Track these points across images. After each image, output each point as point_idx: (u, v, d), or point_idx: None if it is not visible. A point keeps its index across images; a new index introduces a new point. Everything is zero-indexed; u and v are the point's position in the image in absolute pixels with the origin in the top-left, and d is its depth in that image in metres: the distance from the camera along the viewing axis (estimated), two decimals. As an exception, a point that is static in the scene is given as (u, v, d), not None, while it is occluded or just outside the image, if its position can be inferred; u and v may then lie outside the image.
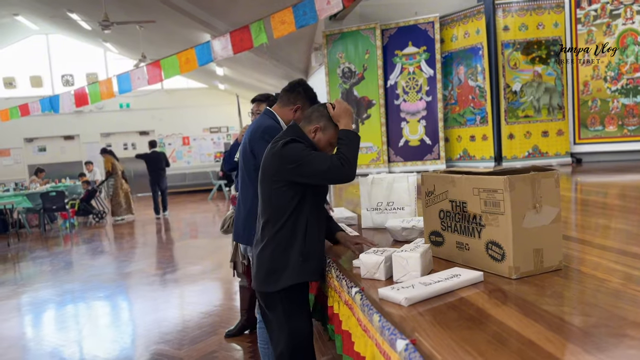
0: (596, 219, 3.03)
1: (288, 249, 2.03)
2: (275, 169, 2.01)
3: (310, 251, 2.05)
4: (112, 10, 8.26)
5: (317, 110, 2.14)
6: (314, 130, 2.10)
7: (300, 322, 2.09)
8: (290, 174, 1.98)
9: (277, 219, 2.05)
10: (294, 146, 1.99)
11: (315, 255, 2.09)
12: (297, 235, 2.03)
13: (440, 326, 1.34)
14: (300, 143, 2.01)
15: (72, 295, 5.55)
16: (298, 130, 2.12)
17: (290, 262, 2.02)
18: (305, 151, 1.97)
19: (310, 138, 2.10)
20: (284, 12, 6.16)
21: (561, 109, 6.60)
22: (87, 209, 11.35)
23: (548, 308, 1.41)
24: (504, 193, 1.64)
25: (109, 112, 17.04)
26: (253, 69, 12.59)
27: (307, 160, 1.95)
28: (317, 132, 2.10)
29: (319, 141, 2.10)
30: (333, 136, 2.11)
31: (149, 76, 7.48)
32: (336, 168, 1.93)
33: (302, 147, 1.99)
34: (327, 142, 2.11)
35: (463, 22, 6.82)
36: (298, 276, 2.03)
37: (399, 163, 7.29)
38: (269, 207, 2.08)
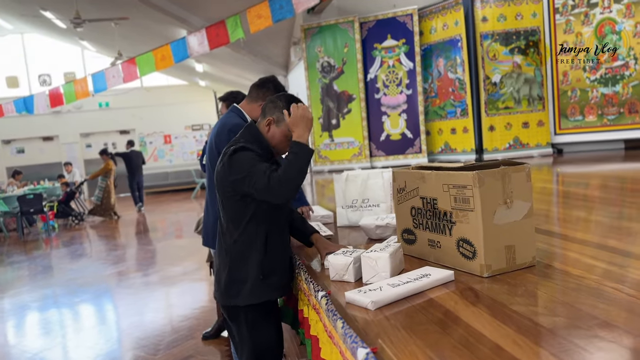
0: (577, 212, 2.99)
1: (246, 263, 1.90)
2: (224, 179, 1.87)
3: (271, 267, 1.92)
4: (84, 7, 8.08)
5: (271, 102, 1.97)
6: (267, 123, 1.93)
7: (264, 336, 2.00)
8: (235, 185, 1.83)
9: (233, 230, 1.92)
10: (241, 156, 1.82)
11: (276, 271, 1.95)
12: (256, 249, 1.89)
13: (406, 331, 1.27)
14: (250, 151, 1.84)
15: (50, 301, 5.43)
16: (253, 130, 1.95)
17: (249, 277, 1.89)
18: (250, 163, 1.80)
19: (265, 134, 1.93)
20: (260, 6, 6.07)
21: (541, 100, 6.59)
22: (65, 211, 11.16)
23: (518, 308, 1.36)
24: (473, 189, 1.58)
25: (88, 111, 16.78)
26: (232, 64, 12.46)
27: (249, 174, 1.78)
28: (270, 126, 1.93)
29: (273, 136, 1.93)
30: (288, 128, 1.92)
31: (125, 74, 7.34)
32: (270, 188, 1.74)
33: (250, 158, 1.81)
34: (283, 136, 1.93)
35: (441, 13, 6.77)
36: (257, 295, 1.91)
37: (381, 157, 7.24)
38: (225, 216, 1.95)
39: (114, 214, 11.42)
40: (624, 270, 1.65)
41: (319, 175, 7.14)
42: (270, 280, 1.91)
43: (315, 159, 7.46)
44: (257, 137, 1.92)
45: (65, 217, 11.30)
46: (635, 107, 6.20)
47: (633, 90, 6.18)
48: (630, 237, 2.18)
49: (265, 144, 1.93)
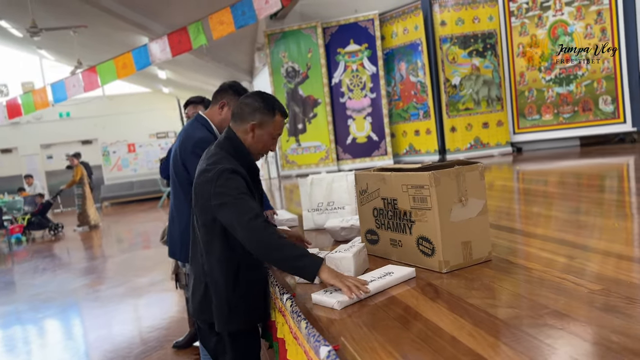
0: (537, 208, 3.10)
1: (217, 289, 1.80)
2: (205, 200, 1.74)
3: (242, 297, 1.81)
4: (41, 16, 7.89)
5: (247, 105, 1.84)
6: (251, 129, 1.81)
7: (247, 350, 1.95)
8: (216, 210, 1.71)
9: (206, 251, 1.82)
10: (229, 181, 1.70)
11: (249, 301, 1.83)
12: (228, 276, 1.78)
13: (367, 328, 1.32)
14: (239, 176, 1.73)
15: (13, 317, 5.26)
16: (235, 143, 1.83)
17: (219, 306, 1.80)
18: (242, 190, 1.70)
19: (248, 140, 1.83)
20: (222, 12, 6.06)
21: (500, 100, 6.79)
22: (42, 223, 10.89)
23: (474, 302, 1.42)
24: (430, 188, 1.64)
25: (48, 122, 16.35)
26: (196, 71, 12.37)
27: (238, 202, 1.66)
28: (254, 131, 1.82)
29: (259, 139, 1.83)
30: (274, 128, 1.84)
31: (85, 83, 7.21)
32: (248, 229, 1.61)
33: (237, 187, 1.70)
34: (270, 136, 1.85)
35: (402, 18, 6.90)
36: (227, 324, 1.81)
37: (348, 160, 7.31)
38: (198, 235, 1.85)
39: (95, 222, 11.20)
40: (580, 262, 1.73)
41: (286, 180, 7.16)
42: (240, 311, 1.82)
43: (283, 164, 7.47)
44: (238, 150, 1.82)
45: (42, 228, 11.01)
46: (588, 105, 6.45)
47: (586, 89, 6.43)
48: (586, 231, 2.28)
49: (247, 155, 1.84)
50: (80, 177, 10.89)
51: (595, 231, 2.28)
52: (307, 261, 1.58)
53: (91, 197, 11.22)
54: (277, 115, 1.84)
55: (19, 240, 10.42)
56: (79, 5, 7.24)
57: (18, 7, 8.39)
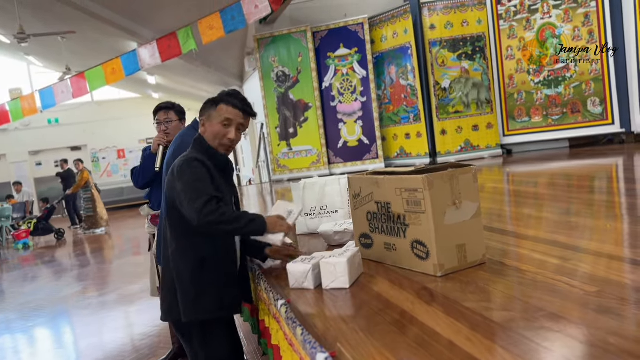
0: (528, 210, 3.11)
1: (182, 277, 1.90)
2: (171, 189, 1.90)
3: (209, 283, 1.90)
4: (28, 21, 7.83)
5: (202, 107, 2.05)
6: (202, 124, 2.01)
7: (217, 351, 1.99)
8: (177, 196, 1.85)
9: (172, 240, 1.95)
10: (190, 167, 1.85)
11: (216, 287, 1.92)
12: (192, 264, 1.89)
13: (364, 333, 1.31)
14: (201, 164, 1.87)
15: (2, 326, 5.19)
16: (200, 141, 2.00)
17: (184, 294, 1.89)
18: (197, 176, 1.83)
19: (206, 135, 1.99)
20: (212, 17, 6.05)
21: (489, 103, 6.83)
22: (47, 228, 10.85)
23: (470, 305, 1.41)
24: (423, 192, 1.64)
25: (37, 128, 16.22)
26: (186, 76, 12.32)
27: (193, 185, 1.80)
28: (205, 125, 2.00)
29: (211, 132, 1.98)
30: (220, 115, 1.97)
31: (74, 89, 7.14)
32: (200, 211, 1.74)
33: (199, 172, 1.84)
34: (219, 125, 1.97)
35: (391, 22, 6.93)
36: (190, 313, 1.88)
37: (339, 164, 7.31)
38: (166, 224, 1.99)
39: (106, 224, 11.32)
40: (572, 264, 1.73)
41: (278, 184, 7.15)
42: (205, 301, 1.89)
43: (274, 169, 7.46)
44: (204, 148, 1.98)
45: (47, 234, 10.96)
46: (577, 107, 6.51)
47: (574, 91, 6.49)
48: (577, 232, 2.29)
49: (212, 150, 1.98)
50: (86, 182, 10.96)
51: (587, 232, 2.29)
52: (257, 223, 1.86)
53: (100, 200, 11.28)
54: (220, 105, 1.99)
55: (26, 246, 10.36)
56: (68, 11, 7.19)
57: (5, 13, 8.32)
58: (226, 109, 1.98)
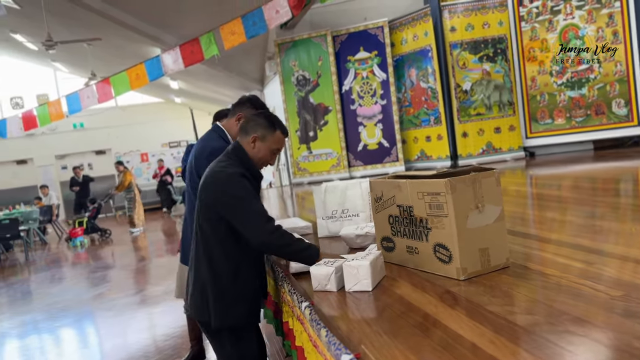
0: (551, 213, 3.09)
1: (217, 283, 1.96)
2: (215, 198, 1.94)
3: (242, 291, 1.98)
4: (55, 29, 8.03)
5: (251, 120, 2.07)
6: (252, 140, 2.03)
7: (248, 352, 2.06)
8: (225, 208, 1.91)
9: (206, 250, 1.98)
10: (240, 183, 1.91)
11: (248, 295, 2.02)
12: (227, 272, 1.96)
13: (387, 336, 1.32)
14: (246, 180, 1.94)
15: (31, 327, 5.33)
16: (240, 152, 2.03)
17: (217, 300, 1.95)
18: (245, 192, 1.91)
19: (251, 150, 2.03)
20: (234, 22, 6.12)
21: (511, 105, 6.77)
22: (95, 227, 11.15)
23: (494, 309, 1.42)
24: (446, 195, 1.65)
25: (62, 133, 16.56)
26: (208, 81, 12.47)
27: (246, 204, 1.88)
28: (255, 142, 2.03)
29: (258, 151, 2.04)
30: (274, 143, 2.06)
31: (99, 94, 7.30)
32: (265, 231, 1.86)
33: (249, 189, 1.92)
34: (269, 150, 2.05)
35: (411, 25, 6.92)
36: (222, 318, 1.97)
37: (359, 167, 7.32)
38: (200, 233, 2.01)
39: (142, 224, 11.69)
40: (597, 268, 1.72)
41: (298, 187, 7.18)
42: (238, 308, 1.98)
43: (294, 172, 7.50)
44: (243, 159, 2.01)
45: (94, 232, 11.26)
46: (601, 108, 6.41)
47: (598, 92, 6.39)
48: (602, 236, 2.27)
49: (251, 163, 2.03)
50: (129, 182, 11.32)
51: (612, 236, 2.27)
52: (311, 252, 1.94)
53: (140, 200, 11.59)
54: (277, 131, 2.06)
55: (82, 243, 10.65)
56: (94, 18, 7.36)
57: (33, 21, 8.55)
58: (279, 138, 2.07)
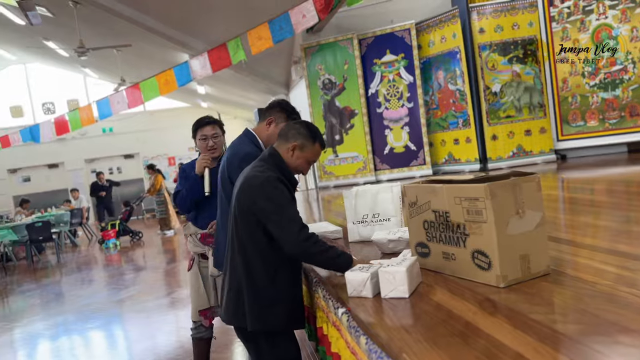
0: (585, 218, 3.01)
1: (254, 286, 1.97)
2: (251, 202, 1.96)
3: (280, 295, 1.98)
4: (87, 36, 8.21)
5: (293, 128, 2.10)
6: (292, 148, 2.06)
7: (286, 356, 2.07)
8: (262, 213, 1.92)
9: (242, 255, 1.99)
10: (277, 188, 1.94)
11: (286, 300, 2.01)
12: (265, 276, 1.96)
13: (428, 344, 1.30)
14: (283, 185, 1.96)
15: (62, 328, 5.44)
16: (277, 159, 2.05)
17: (254, 304, 1.96)
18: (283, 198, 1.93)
19: (288, 157, 2.06)
20: (260, 27, 6.15)
21: (542, 107, 6.64)
22: (126, 230, 11.41)
23: (537, 317, 1.38)
24: (485, 201, 1.62)
25: (92, 137, 16.93)
26: (234, 85, 12.58)
27: (282, 210, 1.91)
28: (295, 150, 2.06)
29: (296, 159, 2.07)
30: (312, 154, 2.09)
31: (129, 100, 7.42)
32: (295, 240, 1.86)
33: (286, 195, 1.95)
34: (305, 160, 2.09)
35: (439, 27, 6.86)
36: (258, 323, 1.96)
37: (386, 170, 7.27)
38: (236, 238, 2.02)
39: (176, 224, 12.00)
40: (636, 274, 1.67)
41: (324, 191, 7.18)
42: (276, 311, 1.97)
43: (320, 175, 7.50)
44: (280, 166, 2.04)
45: (126, 234, 11.52)
46: (636, 110, 6.24)
47: (633, 93, 6.22)
48: (639, 241, 2.20)
49: (288, 170, 2.05)
50: (160, 185, 11.61)
51: (655, 242, 2.20)
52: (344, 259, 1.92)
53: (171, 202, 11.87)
54: (316, 143, 2.09)
55: (115, 245, 10.91)
56: (124, 25, 7.50)
57: (64, 28, 8.76)
58: (317, 151, 2.11)
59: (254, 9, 6.84)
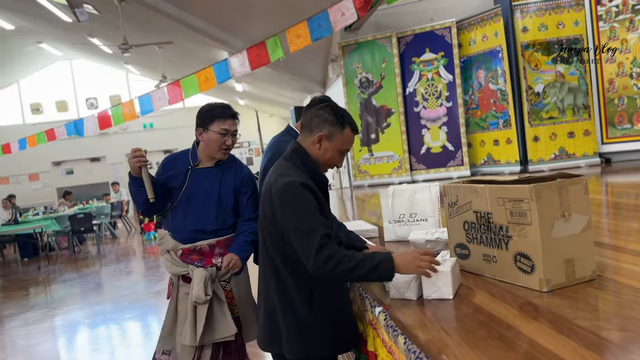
0: (629, 223, 2.91)
1: (288, 310, 1.70)
2: (272, 214, 1.69)
3: (319, 318, 1.69)
4: (130, 33, 8.42)
5: (317, 116, 1.77)
6: (318, 140, 1.75)
7: None
8: (281, 225, 1.66)
9: (272, 271, 1.74)
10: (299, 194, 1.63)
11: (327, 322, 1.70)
12: (301, 296, 1.69)
13: (469, 346, 1.28)
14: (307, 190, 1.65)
15: (101, 317, 5.61)
16: (302, 155, 1.77)
17: (291, 329, 1.69)
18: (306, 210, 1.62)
19: (316, 151, 1.77)
20: (299, 26, 6.17)
21: (587, 109, 6.44)
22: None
23: (582, 323, 1.34)
24: (530, 202, 1.58)
25: (133, 132, 17.36)
26: (271, 83, 12.67)
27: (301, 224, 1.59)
28: (321, 142, 1.76)
29: (325, 152, 1.77)
30: (343, 142, 1.78)
31: (170, 96, 7.56)
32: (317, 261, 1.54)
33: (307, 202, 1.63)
34: (336, 151, 1.78)
35: (480, 25, 6.73)
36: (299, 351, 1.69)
37: (422, 171, 7.20)
38: (266, 251, 1.78)
39: None
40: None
41: (359, 190, 7.16)
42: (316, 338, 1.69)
43: (355, 174, 7.48)
44: (306, 163, 1.76)
45: None
46: (687, 113, 5.98)
47: (685, 95, 5.96)
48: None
49: (315, 167, 1.77)
50: None
51: None
52: (382, 269, 1.57)
53: None
54: (346, 129, 1.78)
55: (155, 237, 11.27)
56: (166, 22, 7.66)
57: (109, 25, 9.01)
58: (349, 137, 1.79)
59: (292, 7, 6.88)
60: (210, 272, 2.42)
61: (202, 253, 2.46)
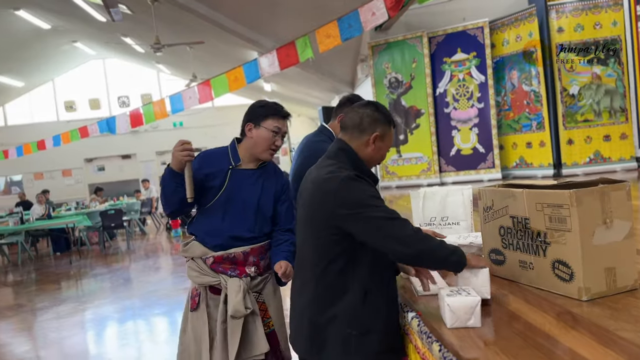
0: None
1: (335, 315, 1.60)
2: (328, 212, 1.58)
3: (369, 324, 1.59)
4: (162, 32, 8.55)
5: (368, 116, 1.71)
6: (373, 140, 1.70)
7: None
8: (345, 222, 1.56)
9: (314, 273, 1.65)
10: (359, 186, 1.58)
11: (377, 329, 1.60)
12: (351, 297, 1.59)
13: (506, 355, 1.25)
14: (367, 184, 1.60)
15: (130, 312, 5.71)
16: (351, 155, 1.70)
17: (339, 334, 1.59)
18: (372, 195, 1.58)
19: (368, 152, 1.71)
20: (329, 25, 6.16)
21: (624, 112, 6.25)
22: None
23: (624, 334, 1.29)
24: (570, 208, 1.53)
25: (163, 131, 17.62)
26: (300, 83, 12.71)
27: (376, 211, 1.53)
28: (376, 142, 1.70)
29: (378, 151, 1.73)
30: (390, 141, 1.78)
31: (200, 95, 7.65)
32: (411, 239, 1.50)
33: (369, 194, 1.57)
34: (386, 150, 1.77)
35: (514, 25, 6.60)
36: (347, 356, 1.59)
37: (451, 173, 7.10)
38: (310, 253, 1.68)
39: None
40: None
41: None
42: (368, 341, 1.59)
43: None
44: (355, 162, 1.70)
45: None
46: None
47: None
48: None
49: (364, 166, 1.71)
50: None
51: None
52: (459, 254, 1.58)
53: None
54: (392, 127, 1.77)
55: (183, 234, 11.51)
56: (198, 22, 7.75)
57: (141, 25, 9.17)
58: (391, 134, 1.78)
59: (322, 7, 6.87)
60: (246, 282, 2.22)
61: (235, 262, 2.23)
